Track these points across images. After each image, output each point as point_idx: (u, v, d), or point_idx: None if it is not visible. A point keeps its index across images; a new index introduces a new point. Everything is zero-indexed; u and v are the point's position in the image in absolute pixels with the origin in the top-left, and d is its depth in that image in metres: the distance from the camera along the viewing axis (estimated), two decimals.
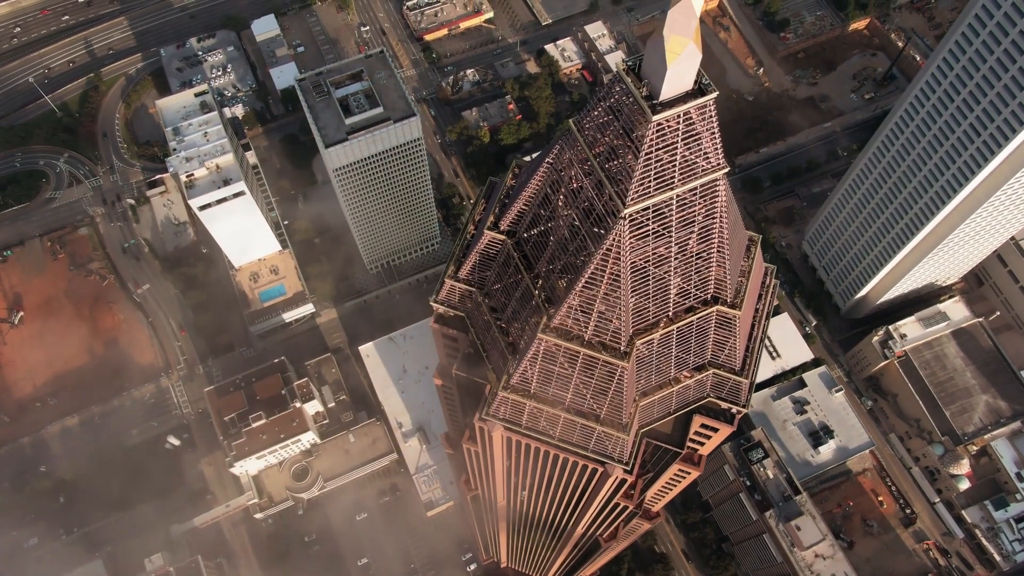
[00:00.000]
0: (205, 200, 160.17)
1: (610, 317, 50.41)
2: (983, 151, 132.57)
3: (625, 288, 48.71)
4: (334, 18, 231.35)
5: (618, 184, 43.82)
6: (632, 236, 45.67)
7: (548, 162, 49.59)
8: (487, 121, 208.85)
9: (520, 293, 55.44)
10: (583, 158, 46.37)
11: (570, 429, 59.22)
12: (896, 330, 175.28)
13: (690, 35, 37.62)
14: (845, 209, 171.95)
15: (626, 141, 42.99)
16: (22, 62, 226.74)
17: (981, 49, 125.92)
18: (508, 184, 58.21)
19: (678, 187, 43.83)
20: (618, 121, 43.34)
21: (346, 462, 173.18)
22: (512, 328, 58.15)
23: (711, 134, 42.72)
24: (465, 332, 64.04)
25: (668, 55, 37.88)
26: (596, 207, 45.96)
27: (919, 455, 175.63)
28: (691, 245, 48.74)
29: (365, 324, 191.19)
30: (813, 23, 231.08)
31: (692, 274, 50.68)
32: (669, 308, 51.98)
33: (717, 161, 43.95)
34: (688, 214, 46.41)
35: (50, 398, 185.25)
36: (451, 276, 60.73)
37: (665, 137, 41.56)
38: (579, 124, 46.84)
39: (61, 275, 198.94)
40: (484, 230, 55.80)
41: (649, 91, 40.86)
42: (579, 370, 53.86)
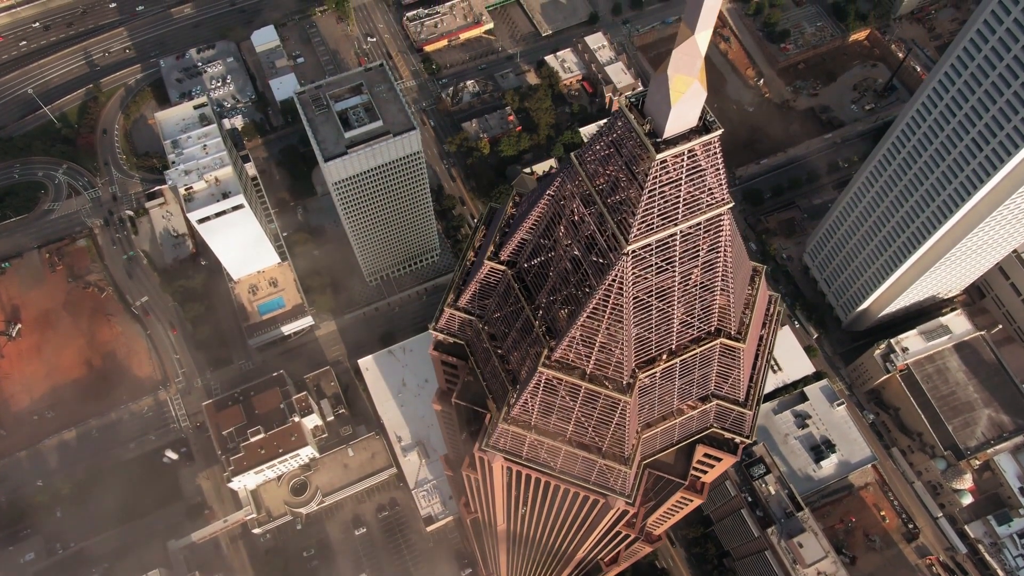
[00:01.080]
0: (204, 213, 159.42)
1: (612, 350, 49.58)
2: (985, 166, 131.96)
3: (628, 322, 47.90)
4: (334, 29, 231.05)
5: (621, 220, 43.07)
6: (635, 271, 44.88)
7: (549, 194, 48.84)
8: (487, 132, 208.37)
9: (520, 324, 54.61)
10: (585, 192, 45.64)
11: (571, 461, 58.32)
12: (898, 343, 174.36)
13: (695, 74, 36.90)
14: (847, 222, 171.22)
15: (629, 176, 42.26)
16: (21, 72, 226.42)
17: (983, 64, 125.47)
18: (508, 213, 57.43)
19: (682, 223, 43.08)
20: (620, 156, 42.59)
21: (345, 476, 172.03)
22: (512, 357, 57.30)
23: (715, 170, 41.98)
24: (464, 359, 63.19)
25: (673, 94, 37.15)
26: (598, 242, 45.20)
27: (921, 469, 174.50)
28: (695, 278, 47.97)
29: (364, 336, 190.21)
30: (813, 34, 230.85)
31: (696, 307, 49.90)
32: (672, 341, 51.17)
33: (722, 196, 43.21)
34: (692, 248, 45.64)
35: (47, 411, 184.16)
36: (450, 304, 59.92)
37: (669, 174, 40.82)
38: (581, 157, 46.11)
39: (59, 287, 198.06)
40: (484, 260, 54.95)
41: (652, 128, 40.14)
42: (581, 403, 53.00)
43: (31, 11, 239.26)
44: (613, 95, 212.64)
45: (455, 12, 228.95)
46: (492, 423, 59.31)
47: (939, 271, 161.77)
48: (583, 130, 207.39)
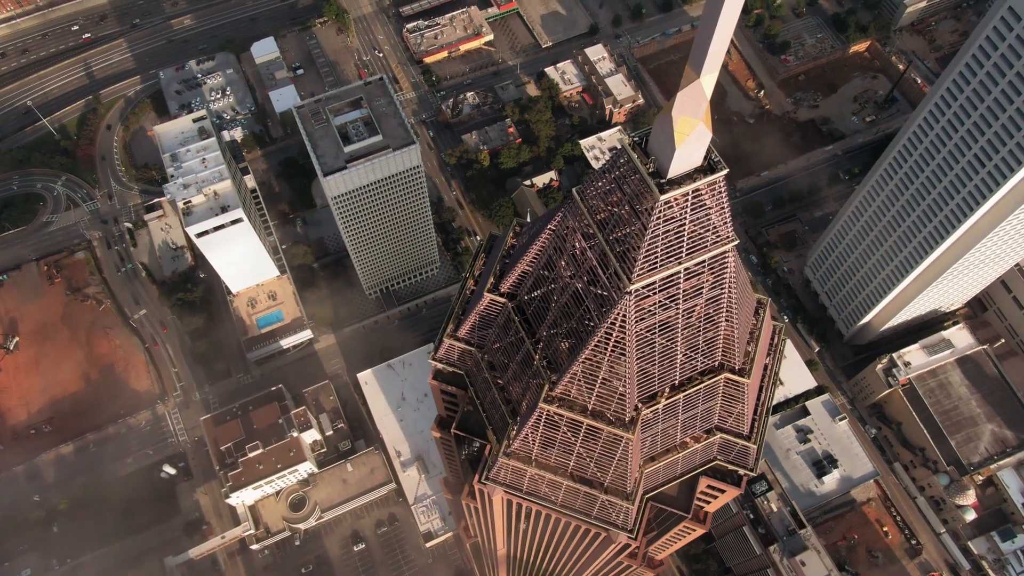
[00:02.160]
0: (203, 227, 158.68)
1: (614, 387, 48.76)
2: (988, 182, 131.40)
3: (630, 358, 47.08)
4: (334, 40, 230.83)
5: (623, 258, 42.30)
6: (638, 308, 44.08)
7: (551, 228, 48.09)
8: (487, 144, 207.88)
9: (521, 356, 53.78)
10: (587, 227, 44.88)
11: (573, 496, 57.39)
12: (900, 358, 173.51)
13: (700, 116, 36.13)
14: (848, 235, 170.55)
15: (632, 214, 41.51)
16: (20, 84, 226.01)
17: (985, 81, 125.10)
18: (509, 243, 56.63)
19: (686, 261, 42.30)
20: (623, 194, 41.84)
21: (344, 492, 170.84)
22: (513, 389, 56.45)
23: (720, 208, 41.22)
24: (464, 389, 62.31)
25: (677, 136, 36.40)
26: (600, 279, 44.40)
27: (924, 484, 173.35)
28: (699, 314, 47.15)
29: (364, 350, 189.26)
30: (814, 46, 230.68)
31: (699, 342, 49.08)
32: (676, 376, 50.33)
33: (727, 234, 42.45)
34: (696, 284, 44.87)
35: (45, 425, 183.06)
36: (450, 335, 59.08)
37: (673, 213, 40.07)
38: (583, 193, 45.35)
39: (57, 300, 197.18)
40: (484, 291, 54.11)
41: (656, 167, 39.40)
42: (582, 438, 52.12)
43: (31, 22, 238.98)
44: (613, 107, 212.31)
45: (455, 24, 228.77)
46: (492, 455, 58.39)
47: (941, 285, 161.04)
48: (583, 142, 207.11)
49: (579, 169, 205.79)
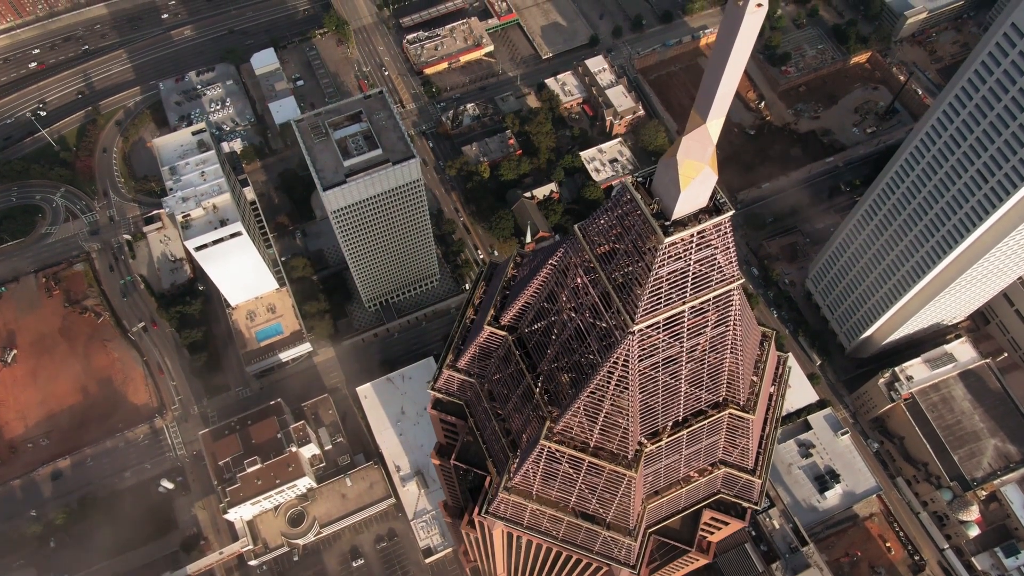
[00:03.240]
0: (201, 241, 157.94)
1: (617, 424, 47.88)
2: (991, 197, 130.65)
3: (633, 397, 46.22)
4: (334, 51, 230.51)
5: (626, 297, 41.50)
6: (641, 348, 43.23)
7: (552, 264, 47.28)
8: (487, 156, 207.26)
9: (522, 390, 52.87)
10: (589, 265, 44.06)
11: (574, 531, 56.46)
12: (902, 372, 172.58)
13: (706, 160, 35.37)
14: (850, 249, 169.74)
15: (635, 253, 40.71)
16: (20, 95, 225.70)
17: (988, 96, 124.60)
18: (509, 274, 55.80)
19: (690, 301, 41.48)
20: (627, 233, 41.05)
21: (343, 507, 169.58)
22: (513, 422, 55.57)
23: (726, 248, 40.43)
24: (464, 419, 61.41)
25: (682, 179, 35.63)
26: (603, 317, 43.57)
27: (927, 500, 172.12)
28: (703, 350, 46.31)
29: (363, 363, 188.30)
30: (814, 57, 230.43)
31: (704, 378, 48.22)
32: (680, 412, 49.44)
33: (731, 273, 41.65)
34: (700, 322, 44.05)
35: (42, 439, 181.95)
36: (449, 365, 58.19)
37: (678, 254, 39.28)
38: (585, 230, 44.54)
39: (55, 312, 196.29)
40: (484, 324, 53.26)
41: (660, 208, 38.60)
42: (584, 475, 51.21)
43: (31, 33, 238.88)
44: (614, 119, 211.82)
45: (455, 35, 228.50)
46: (492, 488, 57.43)
47: (944, 299, 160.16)
48: (583, 154, 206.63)
49: (579, 181, 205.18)
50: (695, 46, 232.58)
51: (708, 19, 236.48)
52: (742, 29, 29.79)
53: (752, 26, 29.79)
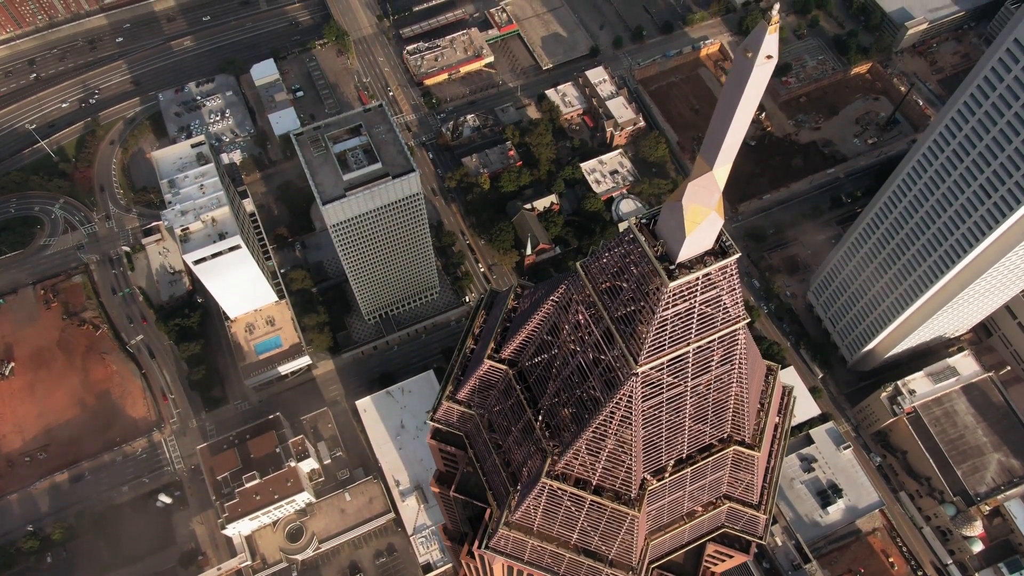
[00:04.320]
0: (200, 254, 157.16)
1: (620, 462, 46.99)
2: (994, 213, 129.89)
3: (637, 434, 45.34)
4: (333, 62, 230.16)
5: (630, 338, 40.65)
6: (645, 387, 42.38)
7: (553, 300, 46.45)
8: (487, 167, 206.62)
9: (522, 425, 51.97)
10: (591, 303, 43.24)
11: (576, 568, 55.45)
12: (905, 385, 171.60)
13: (712, 206, 34.59)
14: (852, 262, 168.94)
15: (639, 294, 39.89)
16: (19, 106, 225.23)
17: (991, 111, 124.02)
18: (510, 305, 54.96)
19: (695, 342, 40.65)
20: (630, 274, 40.25)
21: (342, 522, 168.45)
22: (513, 455, 54.66)
23: (731, 289, 39.61)
24: (464, 450, 60.49)
25: (688, 224, 34.84)
26: (606, 357, 42.72)
27: (930, 515, 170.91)
28: (708, 389, 45.45)
29: (363, 376, 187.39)
30: (815, 67, 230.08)
31: (708, 415, 47.36)
32: (683, 450, 48.56)
33: (737, 314, 40.86)
34: (705, 361, 43.21)
35: (40, 452, 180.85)
36: (449, 397, 57.31)
37: (683, 297, 38.47)
38: (587, 268, 43.72)
39: (54, 324, 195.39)
40: (485, 358, 52.38)
41: (665, 251, 37.81)
42: (586, 513, 50.29)
43: (31, 43, 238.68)
44: (614, 130, 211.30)
45: (455, 46, 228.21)
46: (493, 523, 56.45)
47: (947, 313, 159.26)
48: (584, 165, 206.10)
49: (580, 193, 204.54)
50: (695, 57, 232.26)
51: (708, 30, 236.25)
52: (751, 81, 29.06)
53: (761, 78, 29.09)
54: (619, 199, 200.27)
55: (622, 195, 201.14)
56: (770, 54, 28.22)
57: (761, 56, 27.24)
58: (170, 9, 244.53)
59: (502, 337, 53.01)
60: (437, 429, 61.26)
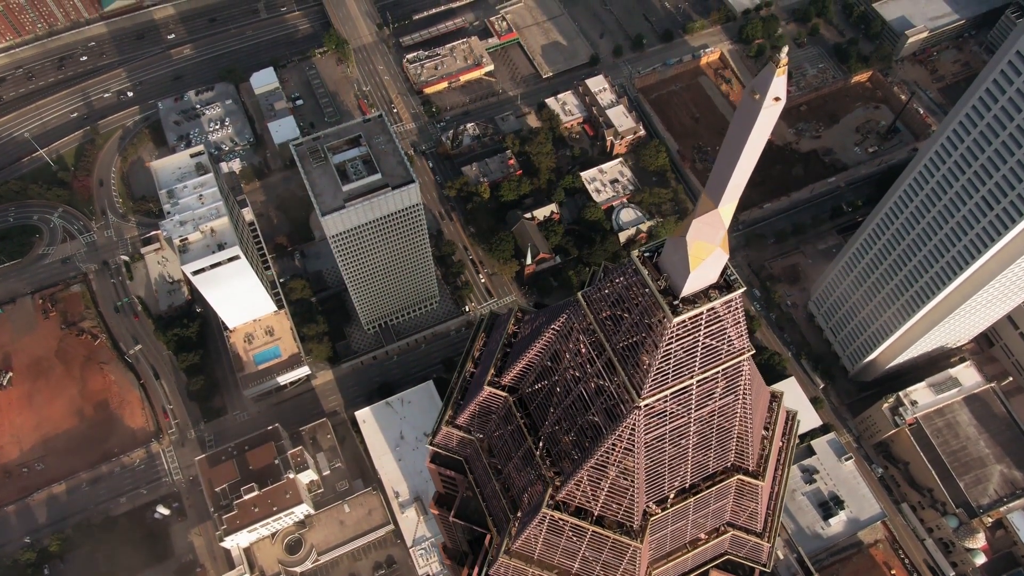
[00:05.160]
0: (199, 265, 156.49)
1: (622, 493, 46.28)
2: (995, 225, 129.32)
3: (639, 466, 44.64)
4: (333, 71, 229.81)
5: (632, 371, 40.00)
6: (648, 421, 41.69)
7: (554, 329, 45.79)
8: (487, 176, 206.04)
9: (522, 452, 51.25)
10: (592, 333, 42.56)
11: None
12: (907, 396, 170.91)
13: (717, 243, 33.94)
14: (853, 272, 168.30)
15: (642, 325, 39.25)
16: (19, 114, 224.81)
17: (993, 123, 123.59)
18: (510, 330, 54.29)
19: (699, 375, 39.99)
20: (633, 306, 39.58)
21: (341, 534, 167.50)
22: (514, 482, 53.91)
23: (736, 323, 38.96)
24: (464, 474, 59.74)
25: (692, 260, 34.22)
26: (608, 389, 42.04)
27: (933, 526, 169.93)
28: (711, 419, 44.75)
29: (362, 386, 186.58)
30: (815, 76, 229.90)
31: (712, 445, 46.64)
32: (687, 480, 47.83)
33: (742, 346, 40.19)
34: (709, 392, 42.53)
35: (37, 463, 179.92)
36: (448, 422, 56.59)
37: (687, 331, 37.80)
38: (589, 299, 43.05)
39: (52, 334, 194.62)
40: (485, 384, 51.68)
41: (669, 285, 37.15)
42: (588, 543, 49.53)
43: (30, 52, 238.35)
44: (614, 139, 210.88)
45: (455, 54, 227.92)
46: (493, 549, 55.67)
47: (949, 324, 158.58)
48: (584, 174, 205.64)
49: (580, 202, 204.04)
50: (695, 65, 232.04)
51: (708, 38, 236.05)
52: (758, 123, 28.44)
53: (768, 120, 28.46)
54: (619, 208, 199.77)
55: (622, 204, 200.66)
56: (778, 96, 27.61)
57: (769, 98, 26.67)
58: (169, 17, 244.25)
59: (502, 363, 52.31)
60: (436, 453, 60.47)
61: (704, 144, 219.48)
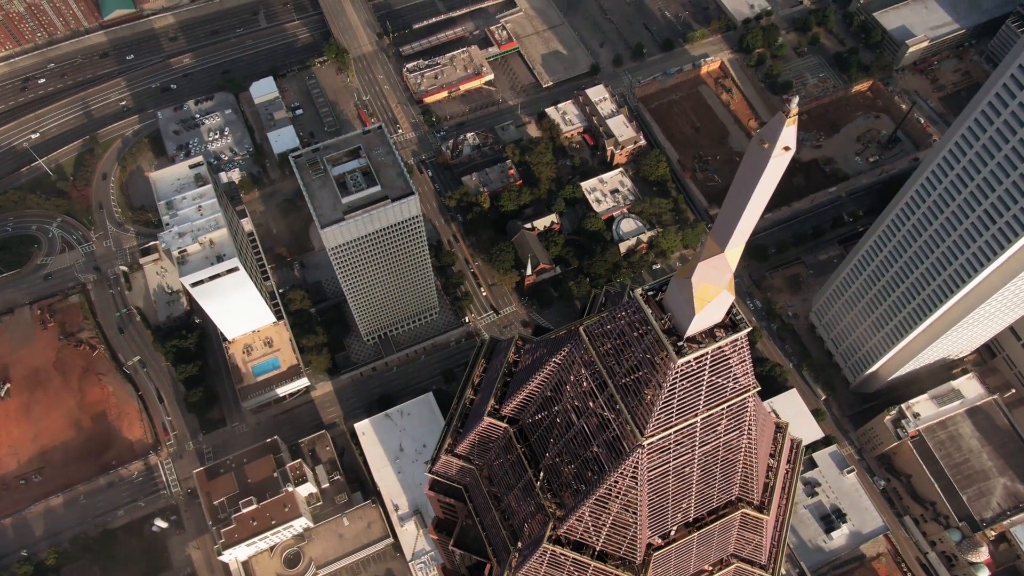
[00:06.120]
0: (197, 277, 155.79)
1: (624, 528, 45.47)
2: (998, 239, 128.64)
3: (642, 502, 43.84)
4: (333, 80, 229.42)
5: (635, 409, 39.23)
6: (651, 459, 40.93)
7: (556, 362, 45.03)
8: (487, 186, 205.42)
9: (523, 484, 50.43)
10: (594, 367, 41.82)
11: None
12: (909, 409, 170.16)
13: (723, 285, 33.24)
14: (854, 284, 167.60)
15: (644, 364, 38.50)
16: (17, 123, 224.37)
17: (995, 137, 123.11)
18: (511, 359, 53.52)
19: (703, 413, 39.26)
20: (636, 344, 38.84)
21: (340, 547, 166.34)
22: (514, 512, 53.07)
23: (742, 360, 38.22)
24: (463, 502, 58.90)
25: (697, 303, 33.52)
26: (611, 426, 41.25)
27: (936, 540, 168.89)
28: (715, 453, 43.99)
29: (361, 398, 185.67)
30: (816, 85, 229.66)
31: (716, 478, 45.85)
32: (691, 514, 47.03)
33: (747, 383, 39.44)
34: (713, 428, 41.78)
35: (35, 475, 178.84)
36: (448, 451, 55.80)
37: (691, 371, 37.06)
38: (591, 333, 42.30)
39: (50, 345, 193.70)
40: (484, 416, 50.89)
41: (673, 325, 36.42)
42: None
43: (30, 61, 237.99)
44: (615, 148, 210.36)
45: (455, 63, 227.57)
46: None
47: (952, 336, 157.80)
48: (584, 184, 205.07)
49: (580, 212, 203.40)
50: (696, 74, 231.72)
51: (708, 47, 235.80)
52: (767, 171, 27.77)
53: (777, 169, 27.81)
54: (620, 218, 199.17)
55: (623, 214, 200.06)
56: (788, 146, 26.95)
57: (778, 148, 26.04)
58: (169, 26, 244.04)
59: (503, 392, 51.54)
60: (436, 480, 59.64)
61: (705, 154, 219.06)
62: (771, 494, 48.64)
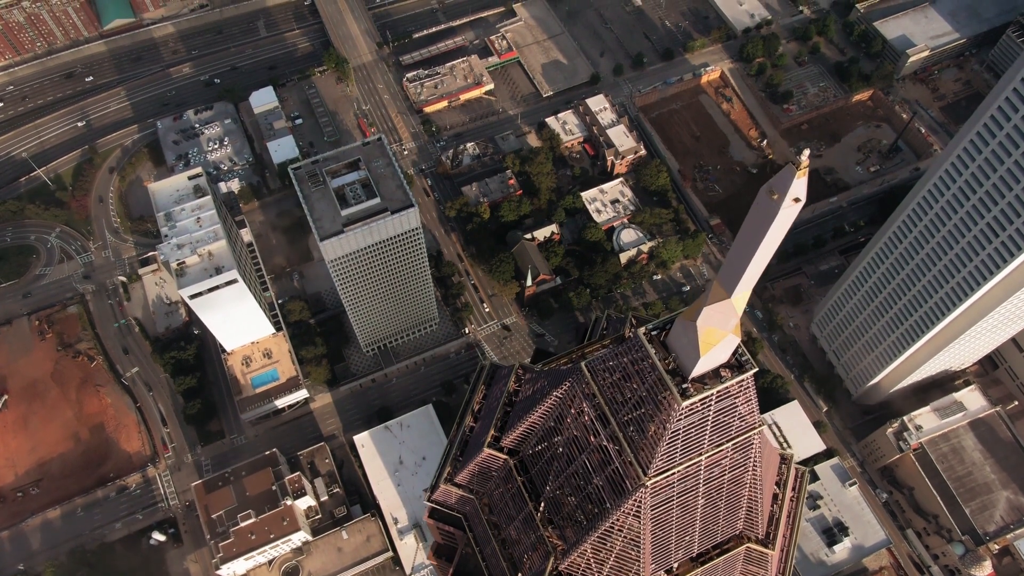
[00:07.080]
0: (196, 289, 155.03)
1: (627, 565, 44.61)
2: (1001, 252, 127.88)
3: (645, 539, 43.02)
4: (333, 89, 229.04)
5: (639, 448, 38.44)
6: (655, 497, 40.12)
7: (557, 396, 44.25)
8: (487, 197, 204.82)
9: (523, 516, 49.59)
10: (596, 403, 41.03)
11: None
12: (911, 421, 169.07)
13: (729, 329, 32.48)
14: (856, 295, 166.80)
15: (648, 403, 37.73)
16: (16, 133, 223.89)
17: (998, 150, 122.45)
18: (511, 388, 52.74)
19: (708, 451, 38.45)
20: (639, 381, 38.08)
21: (338, 561, 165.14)
22: (515, 543, 52.21)
23: (748, 400, 37.47)
24: (463, 531, 58.04)
25: (702, 347, 32.77)
26: (613, 462, 40.47)
27: (938, 553, 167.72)
28: (720, 489, 43.17)
29: (361, 409, 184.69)
30: (816, 95, 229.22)
31: (720, 514, 45.04)
32: (694, 550, 46.21)
33: (752, 421, 38.66)
34: (718, 464, 40.99)
35: (32, 487, 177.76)
36: (447, 480, 54.96)
37: (695, 412, 36.30)
38: (593, 369, 41.52)
39: (48, 356, 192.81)
40: (484, 447, 50.08)
41: (677, 365, 35.67)
42: None
43: (29, 70, 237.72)
44: (615, 158, 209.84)
45: (455, 73, 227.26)
46: None
47: (954, 348, 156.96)
48: (584, 194, 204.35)
49: (581, 222, 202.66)
50: (696, 84, 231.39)
51: (709, 56, 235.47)
52: (776, 222, 27.08)
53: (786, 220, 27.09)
54: (620, 229, 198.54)
55: (623, 225, 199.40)
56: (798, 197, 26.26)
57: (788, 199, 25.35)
58: (169, 36, 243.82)
59: (503, 422, 50.73)
60: (435, 509, 58.80)
61: (705, 163, 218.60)
62: (776, 526, 47.85)
